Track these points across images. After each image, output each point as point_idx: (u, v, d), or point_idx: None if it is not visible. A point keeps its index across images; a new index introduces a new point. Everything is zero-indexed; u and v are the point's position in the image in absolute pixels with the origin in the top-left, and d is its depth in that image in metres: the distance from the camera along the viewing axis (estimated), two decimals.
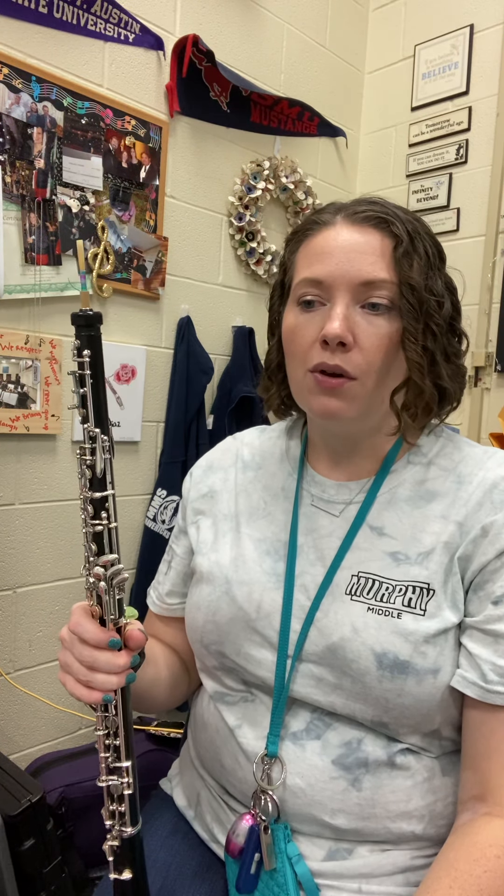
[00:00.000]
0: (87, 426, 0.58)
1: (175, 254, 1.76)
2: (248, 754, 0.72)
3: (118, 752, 0.62)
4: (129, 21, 1.58)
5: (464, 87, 1.93)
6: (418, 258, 0.69)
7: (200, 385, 1.81)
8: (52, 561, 1.60)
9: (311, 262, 0.71)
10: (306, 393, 0.72)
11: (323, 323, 0.69)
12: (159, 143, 1.67)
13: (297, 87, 2.01)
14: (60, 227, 1.50)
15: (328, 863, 0.68)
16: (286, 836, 0.68)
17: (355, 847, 0.68)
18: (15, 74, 1.40)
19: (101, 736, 0.62)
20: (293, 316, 0.73)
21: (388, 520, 0.72)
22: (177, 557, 0.87)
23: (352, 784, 0.67)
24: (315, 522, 0.75)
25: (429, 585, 0.68)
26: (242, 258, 1.92)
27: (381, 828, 0.67)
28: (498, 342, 1.85)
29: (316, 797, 0.67)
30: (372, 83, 2.21)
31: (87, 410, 0.58)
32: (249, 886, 0.69)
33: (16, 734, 1.57)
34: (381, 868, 0.67)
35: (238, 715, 0.74)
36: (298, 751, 0.69)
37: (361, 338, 0.68)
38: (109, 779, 0.62)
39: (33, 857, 1.14)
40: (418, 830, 0.68)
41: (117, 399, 1.67)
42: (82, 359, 0.58)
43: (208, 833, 0.78)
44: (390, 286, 0.68)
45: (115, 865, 0.64)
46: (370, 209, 0.71)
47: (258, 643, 0.72)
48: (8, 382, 1.46)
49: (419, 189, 2.04)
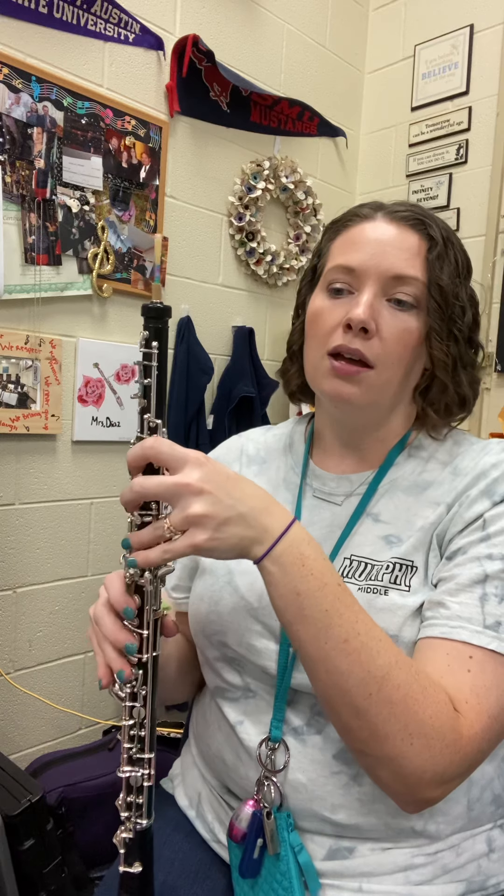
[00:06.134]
0: (148, 416, 0.59)
1: (175, 254, 1.76)
2: (249, 750, 0.72)
3: (143, 743, 0.62)
4: (129, 21, 1.58)
5: (464, 87, 1.93)
6: (449, 263, 0.72)
7: (200, 385, 1.81)
8: (52, 561, 1.60)
9: (346, 250, 0.74)
10: (321, 376, 0.74)
11: (348, 309, 0.71)
12: (159, 143, 1.67)
13: (297, 87, 2.01)
14: (60, 227, 1.50)
15: (329, 862, 0.68)
16: (289, 824, 0.68)
17: (356, 846, 0.68)
18: (15, 74, 1.40)
19: (127, 726, 0.62)
20: (320, 300, 0.75)
21: (384, 507, 0.74)
22: None
23: (353, 779, 0.67)
24: (317, 514, 0.77)
25: (413, 563, 0.69)
26: (242, 258, 1.92)
27: (381, 824, 0.67)
28: (498, 342, 1.85)
29: (317, 792, 0.68)
30: (372, 83, 2.21)
31: (148, 401, 0.59)
32: (253, 871, 0.70)
33: (16, 734, 1.57)
34: (382, 867, 0.67)
35: (239, 711, 0.74)
36: (300, 745, 0.69)
37: (383, 328, 0.70)
38: (131, 769, 0.62)
39: (33, 857, 1.14)
40: (418, 827, 0.68)
41: (117, 399, 1.67)
42: (150, 349, 0.59)
43: (210, 833, 0.79)
44: (419, 285, 0.71)
45: (126, 858, 0.63)
46: (410, 210, 0.75)
47: (259, 632, 0.72)
48: (8, 382, 1.46)
49: (419, 189, 2.04)
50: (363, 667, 0.58)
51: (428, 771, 0.58)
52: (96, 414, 1.63)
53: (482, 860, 0.70)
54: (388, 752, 0.58)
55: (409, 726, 0.58)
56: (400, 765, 0.58)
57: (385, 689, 0.58)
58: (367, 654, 0.58)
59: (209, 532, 0.56)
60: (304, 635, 0.59)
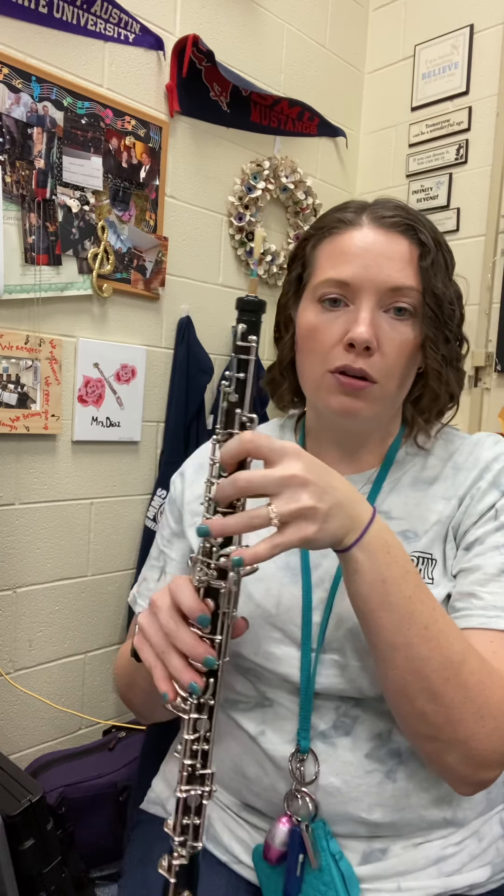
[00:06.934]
0: (240, 412, 0.57)
1: (175, 254, 1.76)
2: (275, 760, 0.70)
3: (205, 759, 0.57)
4: (129, 21, 1.58)
5: (464, 87, 1.93)
6: (440, 268, 0.72)
7: (200, 385, 1.81)
8: (52, 561, 1.60)
9: (337, 261, 0.71)
10: (324, 392, 0.73)
11: (346, 324, 0.70)
12: (159, 143, 1.67)
13: (297, 87, 2.01)
14: (60, 227, 1.50)
15: (365, 866, 0.68)
16: (326, 833, 0.68)
17: (389, 846, 0.69)
18: (15, 74, 1.40)
19: (189, 741, 0.57)
20: (313, 314, 0.73)
21: (393, 504, 0.75)
22: (172, 562, 0.84)
23: (386, 776, 0.67)
24: None
25: (432, 555, 0.71)
26: (242, 258, 1.92)
27: (415, 818, 0.68)
28: (498, 342, 1.85)
29: (352, 794, 0.67)
30: (372, 83, 2.21)
31: (241, 396, 0.56)
32: (297, 889, 0.68)
33: (16, 734, 1.57)
34: (416, 863, 0.69)
35: (258, 721, 0.72)
36: (330, 749, 0.68)
37: (384, 342, 0.70)
38: (191, 788, 0.57)
39: (33, 857, 1.14)
40: (448, 816, 0.70)
41: (117, 399, 1.67)
42: (248, 343, 0.56)
43: (228, 855, 0.76)
44: (414, 293, 0.70)
45: (175, 888, 0.57)
46: (397, 214, 0.72)
47: (278, 640, 0.71)
48: (8, 382, 1.46)
49: (419, 189, 2.04)
50: (442, 652, 0.59)
51: (497, 751, 0.61)
52: (96, 414, 1.63)
53: (499, 842, 0.74)
54: (461, 735, 0.60)
55: (482, 709, 0.60)
56: (471, 747, 0.60)
57: (462, 674, 0.59)
58: (445, 639, 0.60)
59: (318, 523, 0.55)
60: (387, 622, 0.59)
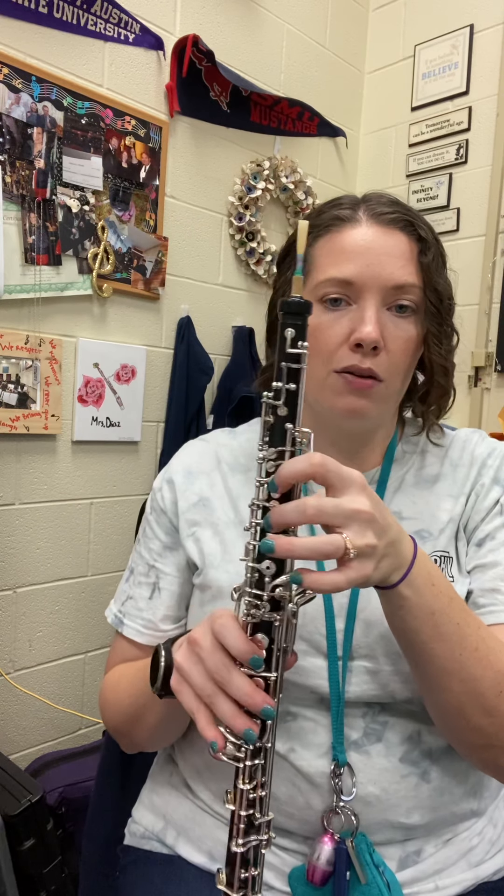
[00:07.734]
0: (292, 427, 0.51)
1: (175, 254, 1.76)
2: (309, 777, 0.67)
3: (264, 807, 0.51)
4: (129, 21, 1.58)
5: (464, 87, 1.93)
6: (439, 264, 0.72)
7: (200, 385, 1.81)
8: (52, 561, 1.60)
9: (338, 260, 0.70)
10: (330, 393, 0.71)
11: (351, 324, 0.69)
12: (159, 143, 1.67)
13: (297, 87, 2.01)
14: (60, 227, 1.50)
15: (403, 872, 0.68)
16: (369, 845, 0.67)
17: (422, 846, 0.69)
18: (15, 74, 1.40)
19: (246, 791, 0.51)
20: (315, 314, 0.72)
21: (402, 504, 0.75)
22: (167, 577, 0.78)
23: (421, 777, 0.68)
24: None
25: (448, 553, 0.72)
26: (242, 258, 1.92)
27: (447, 814, 0.69)
28: (498, 342, 1.85)
29: (391, 801, 0.67)
30: (372, 83, 2.21)
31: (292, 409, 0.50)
32: None
33: (16, 734, 1.57)
34: (449, 859, 0.70)
35: (284, 738, 0.69)
36: (364, 759, 0.67)
37: (389, 340, 0.70)
38: (249, 840, 0.50)
39: (33, 857, 1.14)
40: (475, 806, 0.71)
41: (117, 399, 1.67)
42: (299, 350, 0.50)
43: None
44: (416, 290, 0.70)
45: None
46: (396, 211, 0.72)
47: (304, 651, 0.69)
48: (8, 382, 1.46)
49: (419, 189, 2.04)
50: (493, 668, 0.60)
51: None
52: (96, 414, 1.63)
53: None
54: None
55: None
56: None
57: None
58: (494, 655, 0.61)
59: (375, 562, 0.52)
60: (440, 651, 0.59)
